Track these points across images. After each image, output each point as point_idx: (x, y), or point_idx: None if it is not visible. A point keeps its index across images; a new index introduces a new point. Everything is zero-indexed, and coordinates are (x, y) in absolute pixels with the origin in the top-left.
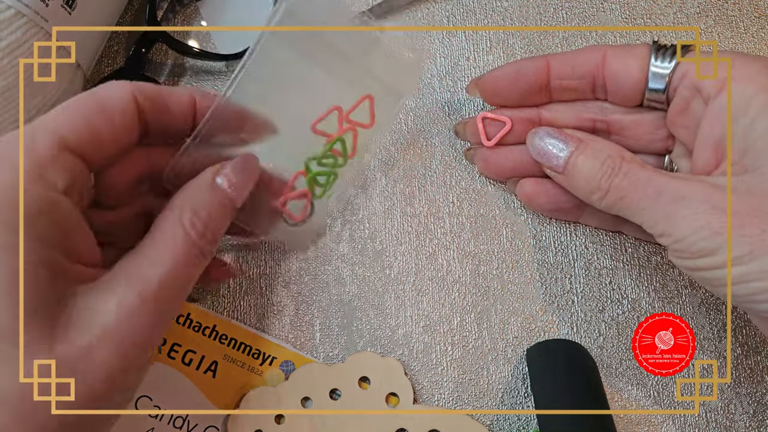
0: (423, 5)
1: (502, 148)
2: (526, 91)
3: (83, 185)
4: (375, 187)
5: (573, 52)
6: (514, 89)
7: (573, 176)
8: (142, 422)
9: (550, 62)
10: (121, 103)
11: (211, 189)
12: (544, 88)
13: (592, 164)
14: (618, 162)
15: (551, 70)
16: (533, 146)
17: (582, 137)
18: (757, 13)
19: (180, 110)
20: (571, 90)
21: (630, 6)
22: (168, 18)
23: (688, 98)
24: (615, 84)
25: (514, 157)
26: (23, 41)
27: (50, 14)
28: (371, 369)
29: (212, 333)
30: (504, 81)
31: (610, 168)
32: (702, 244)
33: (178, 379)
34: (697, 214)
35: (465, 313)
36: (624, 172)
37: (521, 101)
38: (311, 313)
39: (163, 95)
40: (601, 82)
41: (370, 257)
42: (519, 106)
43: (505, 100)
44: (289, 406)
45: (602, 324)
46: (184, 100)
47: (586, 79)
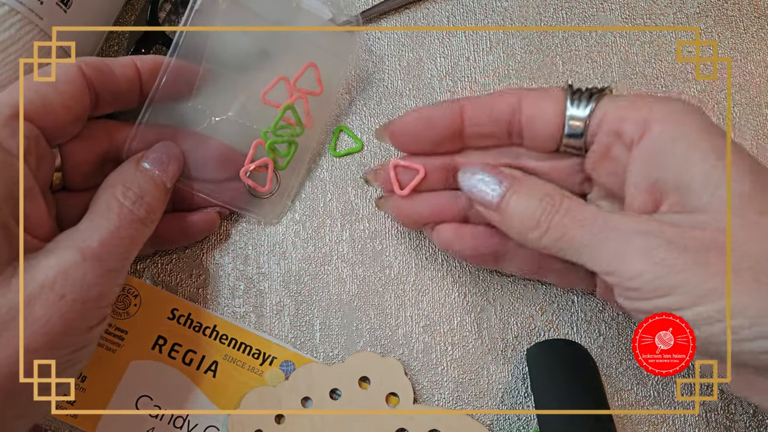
0: (423, 5)
1: (416, 196)
2: (439, 139)
3: (41, 153)
4: (375, 187)
5: (488, 97)
6: (425, 137)
7: (508, 214)
8: (142, 422)
9: (464, 108)
10: (67, 72)
11: (137, 170)
12: (457, 134)
13: (528, 202)
14: (558, 199)
15: (466, 116)
16: (464, 184)
17: (516, 175)
18: (757, 13)
19: (124, 74)
20: (486, 136)
21: (630, 6)
22: (171, 20)
23: (609, 144)
24: (531, 130)
25: (429, 203)
26: (17, 38)
27: (45, 12)
28: (371, 369)
29: (212, 333)
30: (415, 129)
31: (550, 205)
32: (659, 282)
33: (178, 379)
34: (652, 249)
35: (465, 313)
36: (565, 209)
37: (434, 149)
38: (311, 313)
39: (106, 62)
40: (518, 128)
41: (370, 257)
42: (432, 154)
43: (416, 147)
44: (289, 406)
45: (602, 324)
46: (127, 63)
47: (502, 124)
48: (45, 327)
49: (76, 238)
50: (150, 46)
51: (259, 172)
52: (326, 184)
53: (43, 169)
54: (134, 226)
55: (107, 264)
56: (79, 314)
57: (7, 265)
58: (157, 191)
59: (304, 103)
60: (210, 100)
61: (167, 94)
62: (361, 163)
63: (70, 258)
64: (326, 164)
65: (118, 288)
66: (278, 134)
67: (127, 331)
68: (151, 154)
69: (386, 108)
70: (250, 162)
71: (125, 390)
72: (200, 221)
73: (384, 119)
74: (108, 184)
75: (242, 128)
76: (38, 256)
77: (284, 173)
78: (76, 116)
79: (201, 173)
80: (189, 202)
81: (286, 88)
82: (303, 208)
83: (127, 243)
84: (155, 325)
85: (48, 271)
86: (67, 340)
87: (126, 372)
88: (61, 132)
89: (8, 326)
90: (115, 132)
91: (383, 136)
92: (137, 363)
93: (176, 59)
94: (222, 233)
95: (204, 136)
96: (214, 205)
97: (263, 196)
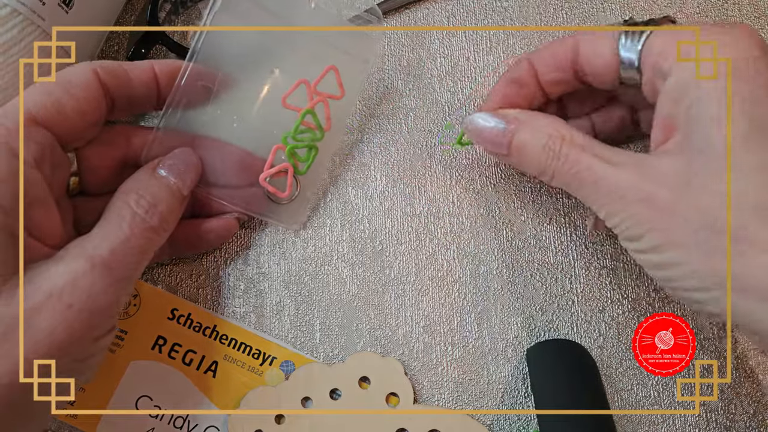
0: (423, 5)
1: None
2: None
3: (56, 160)
4: (375, 187)
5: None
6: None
7: (519, 158)
8: (142, 422)
9: (532, 61)
10: (82, 77)
11: (153, 177)
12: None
13: (533, 146)
14: (558, 144)
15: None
16: (470, 131)
17: (520, 116)
18: (757, 13)
19: (141, 79)
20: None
21: (630, 6)
22: (170, 20)
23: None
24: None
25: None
26: (19, 39)
27: (47, 13)
28: (371, 369)
29: (212, 333)
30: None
31: (552, 150)
32: (630, 232)
33: (178, 379)
34: (626, 205)
35: (465, 313)
36: (564, 156)
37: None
38: (311, 313)
39: (123, 67)
40: (581, 70)
41: (370, 257)
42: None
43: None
44: (289, 406)
45: (602, 324)
46: (145, 67)
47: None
48: (49, 337)
49: (86, 246)
50: (150, 46)
51: (278, 178)
52: (326, 184)
53: (58, 175)
54: (146, 234)
55: (117, 273)
56: (86, 324)
57: (15, 274)
58: (172, 199)
59: (324, 107)
60: (229, 105)
61: (185, 99)
62: (362, 163)
63: (79, 267)
64: (327, 164)
65: (126, 297)
66: (298, 139)
67: (127, 331)
68: (167, 161)
69: (386, 108)
70: (269, 167)
71: (125, 390)
72: (218, 227)
73: (384, 119)
74: (122, 191)
75: (262, 133)
76: (48, 264)
77: (304, 178)
78: (91, 121)
79: (220, 179)
80: (207, 209)
81: (306, 91)
82: (309, 214)
83: (137, 252)
84: (155, 325)
85: (56, 279)
86: (71, 351)
87: (126, 372)
88: (76, 137)
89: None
90: (134, 137)
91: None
92: (137, 363)
93: (194, 64)
94: None
95: (223, 142)
96: (232, 211)
97: (283, 202)
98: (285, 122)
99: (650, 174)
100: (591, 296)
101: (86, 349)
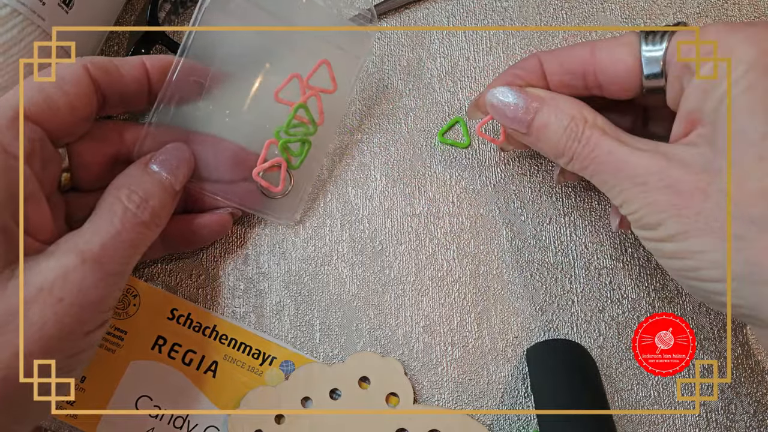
0: (423, 5)
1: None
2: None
3: (46, 155)
4: (375, 187)
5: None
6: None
7: (538, 138)
8: (142, 422)
9: (541, 59)
10: (73, 73)
11: (145, 172)
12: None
13: (556, 127)
14: (581, 126)
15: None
16: (491, 105)
17: (544, 95)
18: (757, 13)
19: (132, 75)
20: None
21: (630, 6)
22: (170, 20)
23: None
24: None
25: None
26: (19, 39)
27: (47, 13)
28: (371, 369)
29: (212, 333)
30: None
31: (573, 132)
32: (647, 219)
33: (178, 379)
34: (647, 192)
35: (465, 313)
36: (586, 139)
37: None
38: (311, 313)
39: (114, 63)
40: (593, 78)
41: (370, 257)
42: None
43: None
44: (289, 406)
45: (602, 324)
46: (136, 63)
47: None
48: (40, 331)
49: (77, 241)
50: (150, 46)
51: (271, 172)
52: (326, 184)
53: (49, 170)
54: (137, 229)
55: (108, 268)
56: (77, 318)
57: (5, 268)
58: (164, 194)
59: (317, 102)
60: (221, 100)
61: (177, 94)
62: (362, 163)
63: (70, 261)
64: (326, 164)
65: (118, 292)
66: (291, 133)
67: (126, 331)
68: (159, 156)
69: (386, 108)
70: (262, 162)
71: (125, 390)
72: (212, 222)
73: (384, 119)
74: (114, 186)
75: (254, 128)
76: (38, 259)
77: (297, 172)
78: (81, 117)
79: (213, 174)
80: (200, 204)
81: (299, 86)
82: (303, 208)
83: (128, 247)
84: (155, 325)
85: (47, 273)
86: (62, 345)
87: (126, 372)
88: (67, 133)
89: (4, 330)
90: (126, 133)
91: (475, 113)
92: (137, 363)
93: (186, 59)
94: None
95: (216, 137)
96: (226, 206)
97: (276, 196)
98: (278, 117)
99: (676, 161)
100: (591, 296)
101: (77, 343)
